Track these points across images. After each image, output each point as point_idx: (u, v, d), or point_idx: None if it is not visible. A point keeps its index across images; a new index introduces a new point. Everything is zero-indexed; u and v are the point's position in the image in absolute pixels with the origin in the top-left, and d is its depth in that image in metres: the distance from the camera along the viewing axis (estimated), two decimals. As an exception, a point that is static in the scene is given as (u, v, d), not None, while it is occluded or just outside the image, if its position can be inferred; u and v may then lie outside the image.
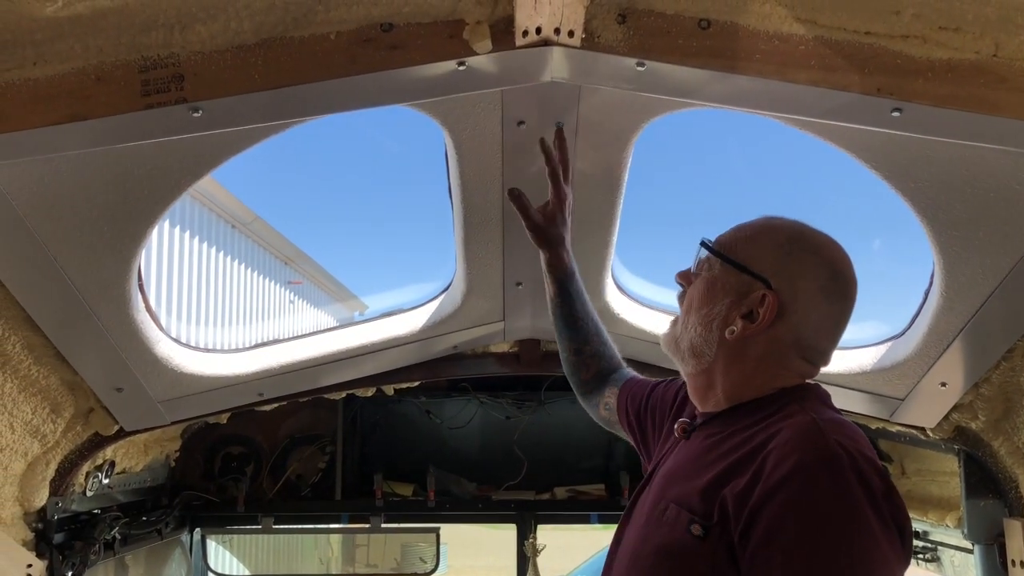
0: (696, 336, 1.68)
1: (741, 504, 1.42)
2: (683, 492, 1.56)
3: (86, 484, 2.79)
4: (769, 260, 1.63)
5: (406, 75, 1.66)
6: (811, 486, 1.37)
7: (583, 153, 2.16)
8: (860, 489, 1.37)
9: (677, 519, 1.52)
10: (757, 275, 1.62)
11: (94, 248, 2.05)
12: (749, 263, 1.64)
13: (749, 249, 1.66)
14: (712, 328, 1.66)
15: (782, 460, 1.40)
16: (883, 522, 1.37)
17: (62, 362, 2.34)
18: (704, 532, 1.46)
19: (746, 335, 1.62)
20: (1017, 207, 1.91)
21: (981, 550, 2.78)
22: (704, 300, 1.68)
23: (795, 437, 1.44)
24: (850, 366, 2.71)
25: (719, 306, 1.65)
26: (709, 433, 1.67)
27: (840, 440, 1.43)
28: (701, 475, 1.55)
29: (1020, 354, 2.30)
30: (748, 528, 1.40)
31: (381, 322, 2.94)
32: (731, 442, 1.57)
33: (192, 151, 1.89)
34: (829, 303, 1.64)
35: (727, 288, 1.65)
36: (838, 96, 1.64)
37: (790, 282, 1.61)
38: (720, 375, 1.68)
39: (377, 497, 3.73)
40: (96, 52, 1.57)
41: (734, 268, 1.65)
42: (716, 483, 1.50)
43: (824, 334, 1.66)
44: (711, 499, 1.48)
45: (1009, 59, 1.57)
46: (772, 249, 1.64)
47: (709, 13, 1.61)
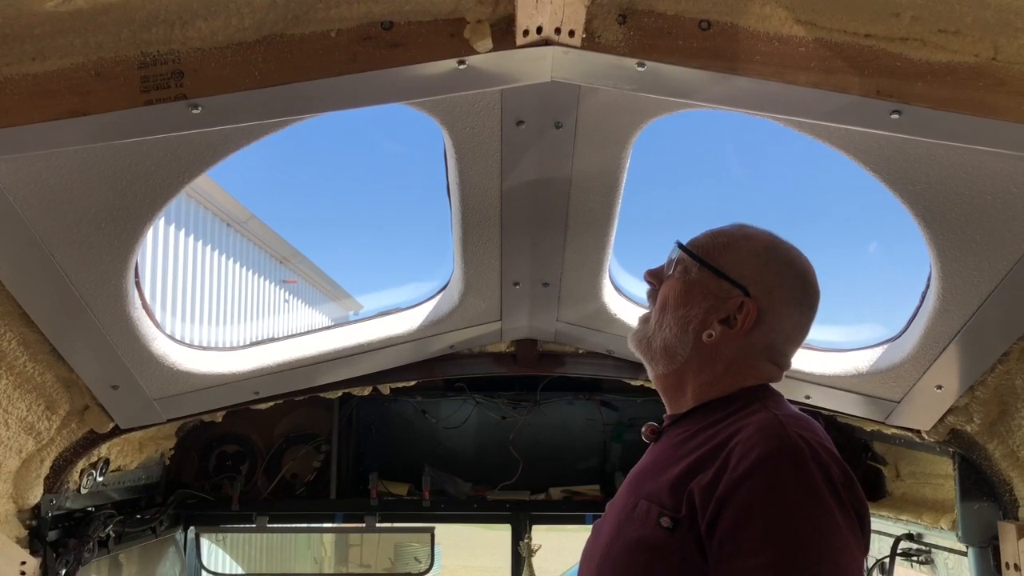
0: (671, 336, 1.73)
1: (707, 496, 1.48)
2: (653, 488, 1.62)
3: (81, 481, 2.78)
4: (748, 268, 1.70)
5: (406, 73, 1.65)
6: (775, 476, 1.44)
7: (582, 153, 2.16)
8: (821, 478, 1.45)
9: (648, 514, 1.58)
10: (736, 282, 1.69)
11: (91, 244, 2.05)
12: (728, 269, 1.71)
13: (728, 256, 1.73)
14: (688, 330, 1.71)
15: (747, 453, 1.47)
16: (843, 509, 1.45)
17: (58, 359, 2.34)
18: (673, 524, 1.52)
19: (722, 340, 1.69)
20: (1014, 211, 1.92)
21: (975, 553, 2.79)
22: (681, 301, 1.72)
23: (759, 431, 1.52)
24: (846, 368, 2.72)
25: (696, 309, 1.70)
26: (677, 432, 1.73)
27: (801, 433, 1.51)
28: (669, 471, 1.61)
29: (1015, 357, 2.31)
30: (715, 518, 1.45)
31: (378, 321, 2.93)
32: (698, 439, 1.64)
33: (191, 148, 1.89)
34: (800, 312, 1.73)
35: (705, 292, 1.71)
36: (837, 98, 1.64)
37: (768, 291, 1.69)
38: (691, 376, 1.74)
39: (372, 496, 3.72)
40: (96, 48, 1.56)
41: (713, 273, 1.71)
42: (683, 477, 1.56)
43: (793, 341, 1.76)
44: (679, 493, 1.54)
45: (1008, 62, 1.58)
46: (750, 257, 1.72)
47: (710, 14, 1.61)
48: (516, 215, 2.38)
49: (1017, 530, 2.62)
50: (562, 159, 2.17)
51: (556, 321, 2.92)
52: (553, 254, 2.53)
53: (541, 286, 2.70)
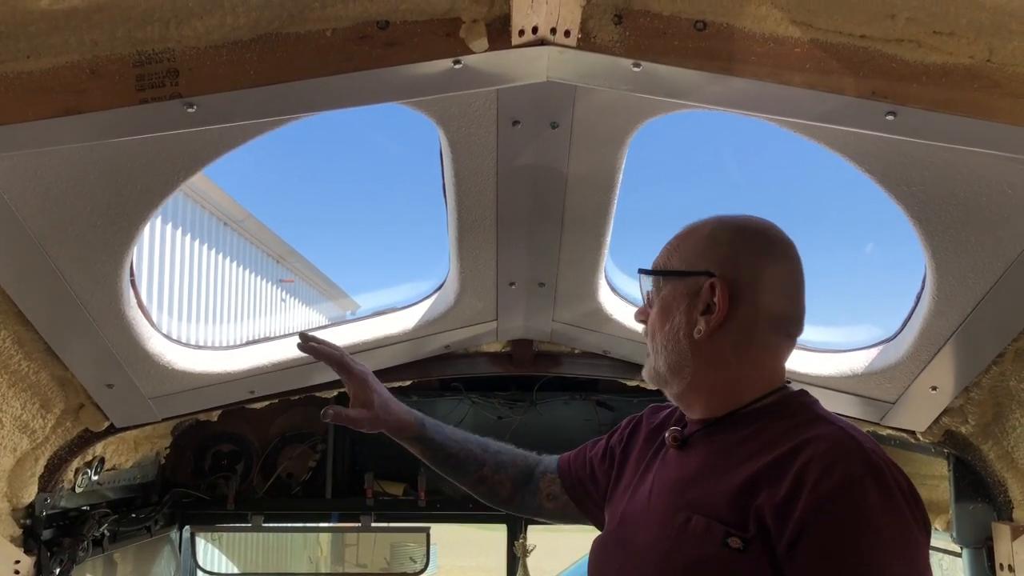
0: (669, 354, 1.70)
1: (784, 516, 1.42)
2: (705, 501, 1.55)
3: (75, 480, 2.78)
4: (702, 254, 1.69)
5: (402, 73, 1.65)
6: (863, 498, 1.40)
7: (578, 153, 2.16)
8: (901, 498, 1.43)
9: (708, 532, 1.51)
10: (697, 272, 1.67)
11: (86, 243, 2.05)
12: (684, 265, 1.70)
13: (678, 254, 1.73)
14: (680, 339, 1.68)
15: (827, 472, 1.41)
16: (919, 525, 1.44)
17: (53, 357, 2.33)
18: (744, 545, 1.45)
19: (713, 329, 1.64)
20: (1009, 212, 1.92)
21: (970, 554, 2.80)
22: (663, 318, 1.72)
23: (835, 448, 1.46)
24: (841, 369, 2.72)
25: (677, 316, 1.69)
26: (716, 439, 1.66)
27: (875, 451, 1.47)
28: (723, 482, 1.54)
29: (1010, 358, 2.31)
30: (797, 540, 1.40)
31: (373, 321, 2.93)
32: (747, 447, 1.57)
33: (186, 146, 1.89)
34: (775, 262, 1.69)
35: (678, 298, 1.70)
36: (833, 99, 1.64)
37: (731, 262, 1.66)
38: (709, 379, 1.68)
39: (368, 496, 3.72)
40: (91, 46, 1.56)
41: (675, 277, 1.71)
42: (745, 492, 1.49)
43: (785, 296, 1.70)
44: (743, 509, 1.48)
45: (1002, 64, 1.58)
46: (700, 243, 1.71)
47: (705, 15, 1.61)
48: (512, 215, 2.38)
49: (1011, 531, 2.62)
50: (558, 159, 2.17)
51: (552, 321, 2.92)
52: (549, 254, 2.54)
53: (537, 286, 2.70)
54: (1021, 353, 2.28)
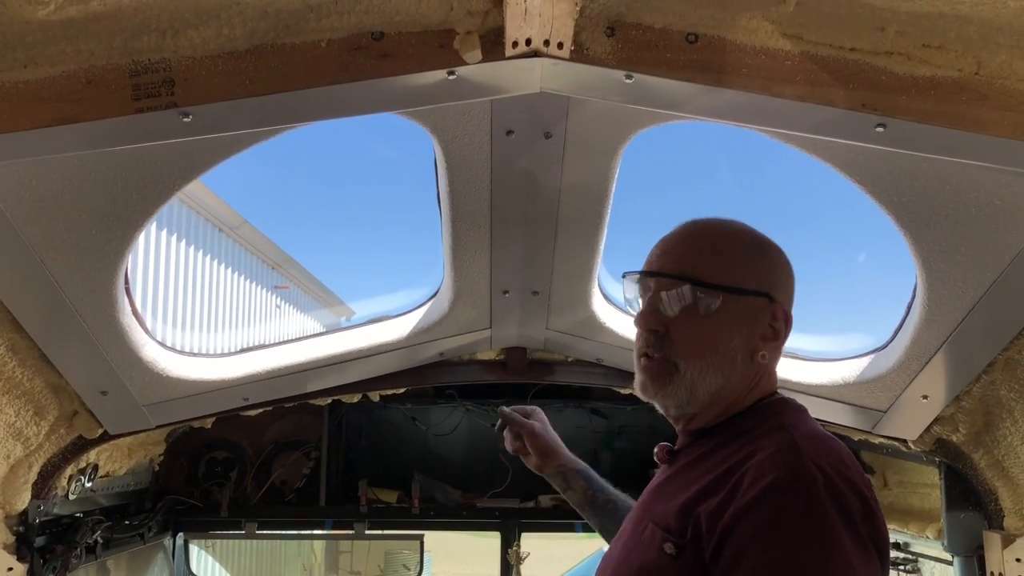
0: (721, 377, 1.59)
1: (714, 522, 1.40)
2: (662, 511, 1.56)
3: (68, 487, 2.78)
4: (754, 273, 1.62)
5: (396, 83, 1.66)
6: (781, 508, 1.36)
7: (571, 163, 2.17)
8: (834, 511, 1.35)
9: (652, 538, 1.52)
10: (757, 292, 1.60)
11: (81, 251, 2.05)
12: (740, 282, 1.60)
13: (732, 268, 1.61)
14: (736, 361, 1.59)
15: (756, 480, 1.39)
16: (859, 544, 1.35)
17: (47, 364, 2.34)
18: (676, 551, 1.45)
19: (774, 355, 1.61)
20: (998, 222, 1.94)
21: (961, 562, 2.81)
22: (716, 339, 1.58)
23: (772, 456, 1.43)
24: (833, 378, 2.74)
25: (738, 338, 1.59)
26: (694, 451, 1.67)
27: (817, 459, 1.41)
28: (681, 493, 1.54)
29: (1000, 368, 2.33)
30: (719, 547, 1.38)
31: (367, 328, 2.94)
32: (712, 459, 1.56)
33: (181, 155, 1.90)
34: (792, 281, 1.70)
35: (737, 316, 1.59)
36: (823, 111, 1.65)
37: (781, 285, 1.64)
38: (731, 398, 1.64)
39: (361, 503, 3.73)
40: (87, 56, 1.57)
41: (734, 295, 1.59)
42: (693, 501, 1.48)
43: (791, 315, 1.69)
44: (686, 517, 1.47)
45: (990, 77, 1.60)
46: (751, 260, 1.64)
47: (697, 27, 1.62)
48: (506, 224, 2.39)
49: (1002, 539, 2.63)
50: (551, 169, 2.19)
51: (546, 329, 2.93)
52: (543, 263, 2.55)
53: (531, 294, 2.71)
54: (1011, 362, 2.29)
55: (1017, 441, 2.48)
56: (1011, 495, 2.64)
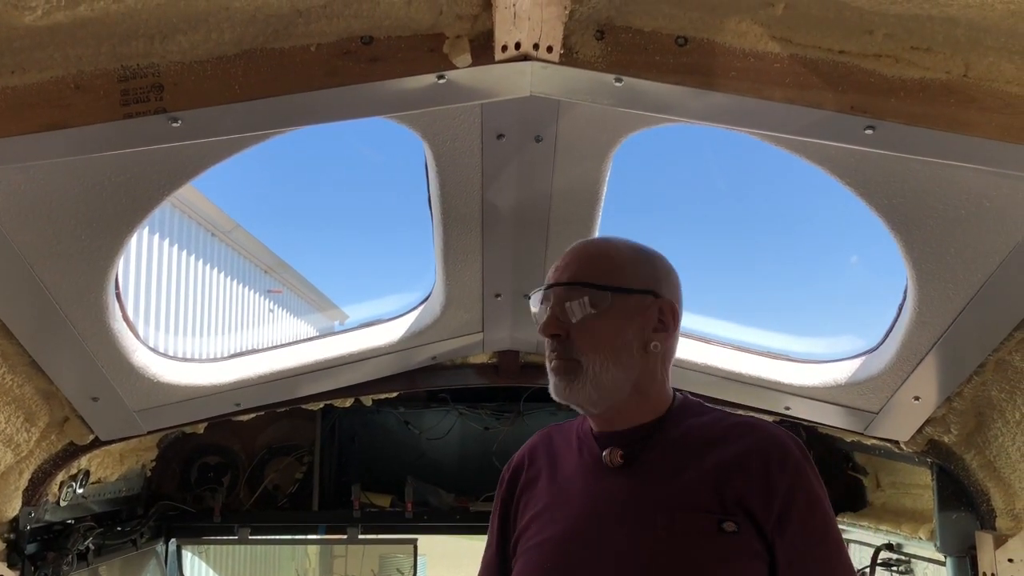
0: (620, 368, 1.74)
1: (766, 497, 1.64)
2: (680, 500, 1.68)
3: (60, 494, 2.77)
4: (640, 275, 1.78)
5: (386, 88, 1.66)
6: (812, 475, 1.71)
7: (562, 166, 2.18)
8: None
9: (701, 523, 1.65)
10: (643, 290, 1.76)
11: (71, 256, 2.04)
12: (630, 283, 1.76)
13: (619, 273, 1.77)
14: (633, 353, 1.75)
15: (784, 454, 1.69)
16: None
17: (37, 371, 2.33)
18: (737, 527, 1.63)
19: (666, 345, 1.79)
20: (987, 224, 1.94)
21: (953, 562, 2.81)
22: (612, 334, 1.74)
23: (771, 436, 1.73)
24: (825, 380, 2.74)
25: (630, 332, 1.75)
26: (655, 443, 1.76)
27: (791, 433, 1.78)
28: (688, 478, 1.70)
29: (991, 368, 2.33)
30: (784, 514, 1.64)
31: (359, 332, 2.94)
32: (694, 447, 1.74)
33: (171, 160, 1.89)
34: (678, 285, 1.86)
35: (627, 313, 1.75)
36: (812, 113, 1.66)
37: (666, 284, 1.80)
38: (643, 390, 1.79)
39: (355, 508, 3.71)
40: (76, 61, 1.57)
41: (623, 293, 1.75)
42: (718, 482, 1.67)
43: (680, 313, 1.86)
44: (721, 498, 1.66)
45: (979, 79, 1.60)
46: (636, 265, 1.80)
47: (686, 30, 1.63)
48: (497, 227, 2.39)
49: (994, 540, 2.64)
50: (542, 172, 2.19)
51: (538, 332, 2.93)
52: (534, 266, 2.55)
53: (522, 298, 2.71)
54: (1002, 363, 2.30)
55: (1008, 442, 2.49)
56: (1003, 495, 2.65)
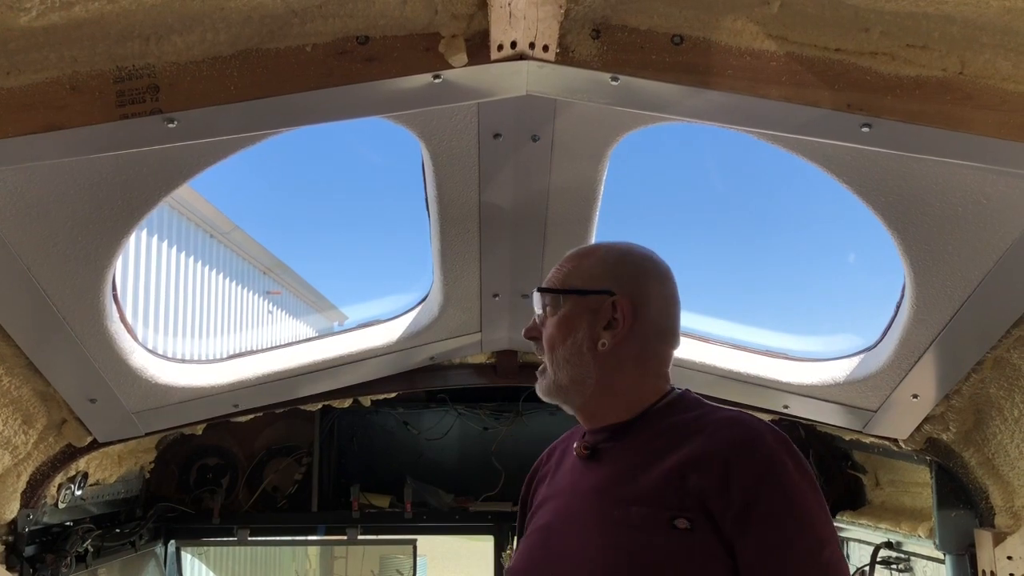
0: (572, 367, 1.78)
1: (724, 495, 1.56)
2: (638, 494, 1.65)
3: (58, 496, 2.76)
4: (601, 275, 1.80)
5: (382, 87, 1.66)
6: (784, 466, 1.59)
7: (559, 166, 2.18)
8: (805, 463, 1.64)
9: (651, 518, 1.61)
10: (600, 290, 1.78)
11: (68, 258, 2.04)
12: (586, 284, 1.80)
13: (580, 275, 1.82)
14: (583, 351, 1.77)
15: (751, 449, 1.59)
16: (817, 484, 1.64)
17: (34, 373, 2.32)
18: (691, 525, 1.57)
19: (618, 341, 1.76)
20: (985, 221, 1.94)
21: (952, 560, 2.81)
22: (564, 334, 1.79)
23: (745, 430, 1.64)
24: (823, 378, 2.74)
25: (580, 331, 1.78)
26: (626, 442, 1.76)
27: (774, 427, 1.66)
28: (648, 475, 1.66)
29: (990, 366, 2.33)
30: (743, 515, 1.55)
31: (357, 333, 2.94)
32: (661, 442, 1.70)
33: (168, 161, 1.89)
34: (660, 284, 1.84)
35: (580, 314, 1.78)
36: (809, 112, 1.66)
37: (628, 282, 1.79)
38: (611, 387, 1.79)
39: (354, 509, 3.71)
40: (71, 62, 1.56)
41: (577, 295, 1.79)
42: (677, 478, 1.62)
43: (667, 313, 1.84)
44: (679, 494, 1.60)
45: (975, 77, 1.60)
46: (598, 265, 1.82)
47: (682, 29, 1.62)
48: (495, 227, 2.39)
49: (993, 537, 2.64)
50: (539, 171, 2.19)
51: (536, 332, 2.93)
52: (532, 266, 2.55)
53: (520, 297, 2.71)
54: (1000, 361, 2.30)
55: (1007, 439, 2.49)
56: (1001, 493, 2.65)
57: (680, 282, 1.87)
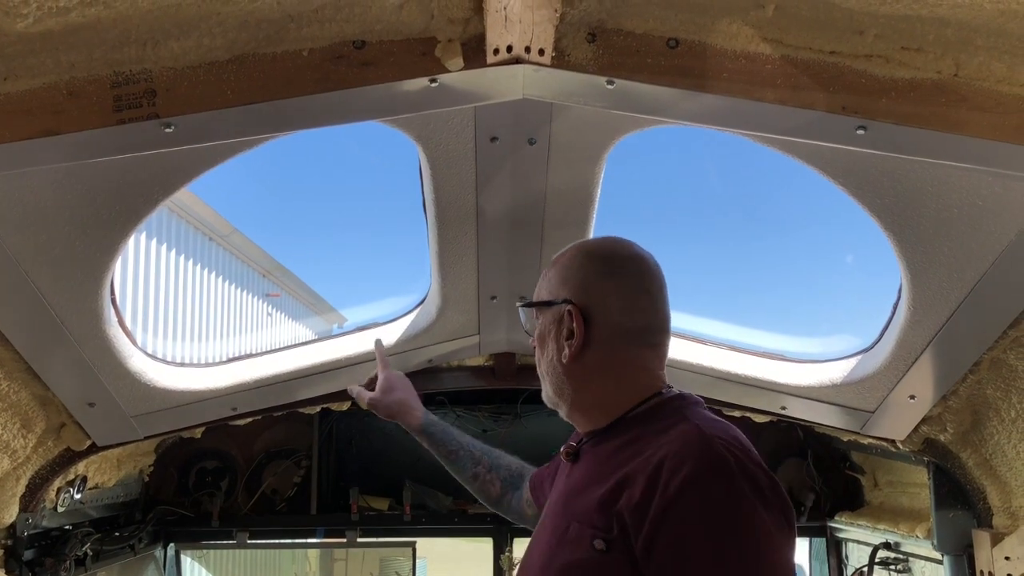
0: (551, 380, 1.82)
1: (639, 516, 1.48)
2: (582, 508, 1.64)
3: (57, 500, 2.76)
4: (562, 283, 1.80)
5: (378, 92, 1.67)
6: (705, 496, 1.46)
7: (556, 169, 2.18)
8: (749, 488, 1.47)
9: (580, 536, 1.59)
10: (556, 300, 1.78)
11: (66, 262, 2.04)
12: (552, 295, 1.81)
13: (544, 285, 1.85)
14: (555, 365, 1.79)
15: (675, 471, 1.47)
16: (772, 513, 1.47)
17: (33, 377, 2.33)
18: (606, 546, 1.52)
19: (575, 352, 1.74)
20: (980, 223, 1.95)
21: (950, 561, 2.82)
22: (541, 348, 1.83)
23: (684, 448, 1.52)
24: (821, 379, 2.74)
25: (551, 344, 1.80)
26: (598, 449, 1.76)
27: (725, 445, 1.52)
28: (596, 489, 1.62)
29: (986, 367, 2.34)
30: (652, 539, 1.46)
31: (355, 336, 2.94)
32: (621, 455, 1.65)
33: (165, 165, 1.89)
34: (617, 281, 1.76)
35: (548, 328, 1.81)
36: (804, 114, 1.66)
37: (581, 287, 1.77)
38: (584, 397, 1.79)
39: (353, 511, 3.72)
40: (68, 67, 1.57)
41: (544, 307, 1.82)
42: (611, 496, 1.57)
43: (636, 310, 1.76)
44: (608, 513, 1.55)
45: (969, 79, 1.61)
46: (560, 272, 1.83)
47: (678, 32, 1.63)
48: (492, 230, 2.40)
49: (991, 538, 2.65)
50: (536, 174, 2.19)
51: (534, 334, 2.93)
52: (529, 268, 2.55)
53: (518, 299, 2.71)
54: (997, 362, 2.31)
55: (1004, 439, 2.49)
56: (999, 493, 2.65)
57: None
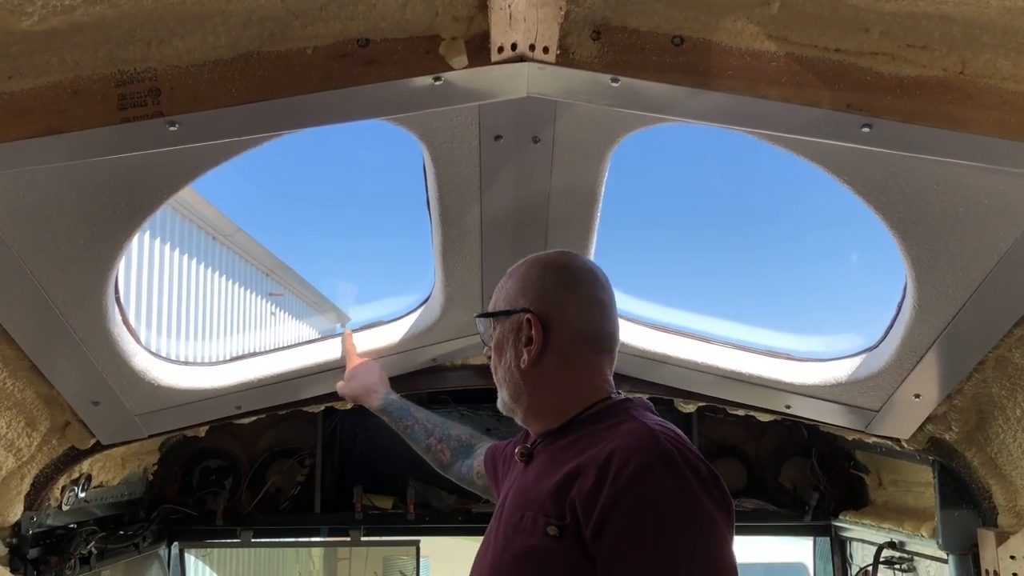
0: (508, 386, 1.91)
1: (590, 504, 1.58)
2: (535, 498, 1.73)
3: (62, 498, 2.77)
4: (519, 293, 1.90)
5: (383, 90, 1.67)
6: (655, 482, 1.57)
7: (560, 167, 2.18)
8: (694, 479, 1.58)
9: (534, 524, 1.68)
10: (515, 309, 1.88)
11: (70, 261, 2.05)
12: (510, 305, 1.91)
13: (500, 297, 1.95)
14: (513, 371, 1.88)
15: (625, 462, 1.58)
16: (715, 502, 1.59)
17: (37, 375, 2.33)
18: (559, 533, 1.62)
19: (534, 358, 1.83)
20: (986, 221, 1.94)
21: (955, 560, 2.81)
22: (498, 356, 1.92)
23: (634, 441, 1.64)
24: (825, 378, 2.74)
25: (508, 352, 1.89)
26: (551, 448, 1.84)
27: (670, 440, 1.64)
28: (549, 481, 1.72)
29: (992, 365, 2.33)
30: (601, 526, 1.56)
31: (359, 335, 2.94)
32: (573, 450, 1.74)
33: (169, 164, 1.89)
34: (571, 290, 1.89)
35: (506, 336, 1.90)
36: (809, 112, 1.66)
37: (539, 297, 1.87)
38: (541, 402, 1.88)
39: (356, 510, 3.71)
40: (73, 66, 1.57)
41: (502, 317, 1.91)
42: (563, 486, 1.66)
43: (592, 318, 1.88)
44: (561, 502, 1.65)
45: (975, 76, 1.60)
46: (517, 283, 1.92)
47: (682, 30, 1.63)
48: (496, 228, 2.39)
49: (996, 537, 2.64)
50: (541, 173, 2.19)
51: (537, 333, 2.93)
52: (533, 267, 2.54)
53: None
54: (1002, 360, 2.30)
55: (1009, 438, 2.49)
56: (1004, 492, 2.65)
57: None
